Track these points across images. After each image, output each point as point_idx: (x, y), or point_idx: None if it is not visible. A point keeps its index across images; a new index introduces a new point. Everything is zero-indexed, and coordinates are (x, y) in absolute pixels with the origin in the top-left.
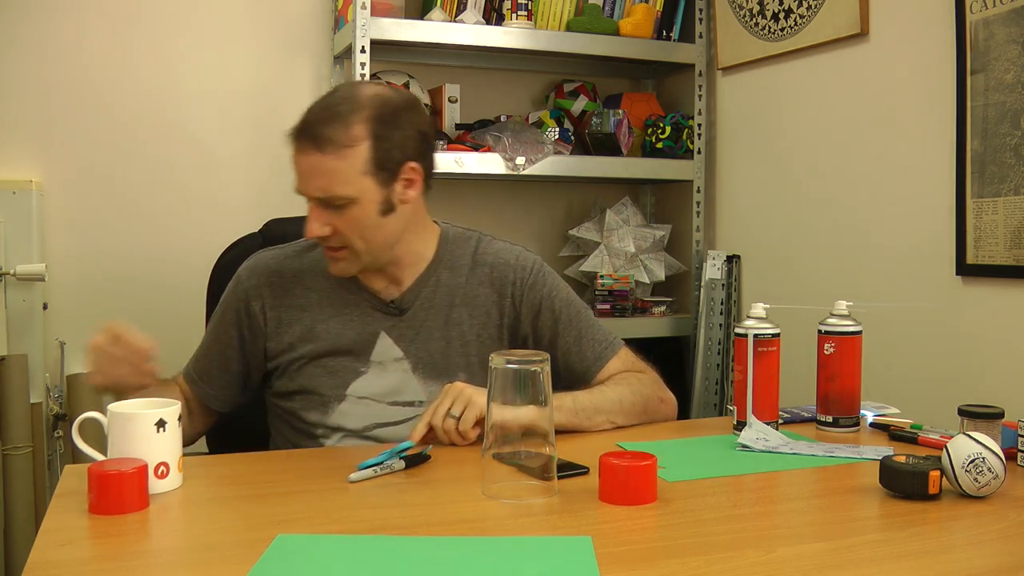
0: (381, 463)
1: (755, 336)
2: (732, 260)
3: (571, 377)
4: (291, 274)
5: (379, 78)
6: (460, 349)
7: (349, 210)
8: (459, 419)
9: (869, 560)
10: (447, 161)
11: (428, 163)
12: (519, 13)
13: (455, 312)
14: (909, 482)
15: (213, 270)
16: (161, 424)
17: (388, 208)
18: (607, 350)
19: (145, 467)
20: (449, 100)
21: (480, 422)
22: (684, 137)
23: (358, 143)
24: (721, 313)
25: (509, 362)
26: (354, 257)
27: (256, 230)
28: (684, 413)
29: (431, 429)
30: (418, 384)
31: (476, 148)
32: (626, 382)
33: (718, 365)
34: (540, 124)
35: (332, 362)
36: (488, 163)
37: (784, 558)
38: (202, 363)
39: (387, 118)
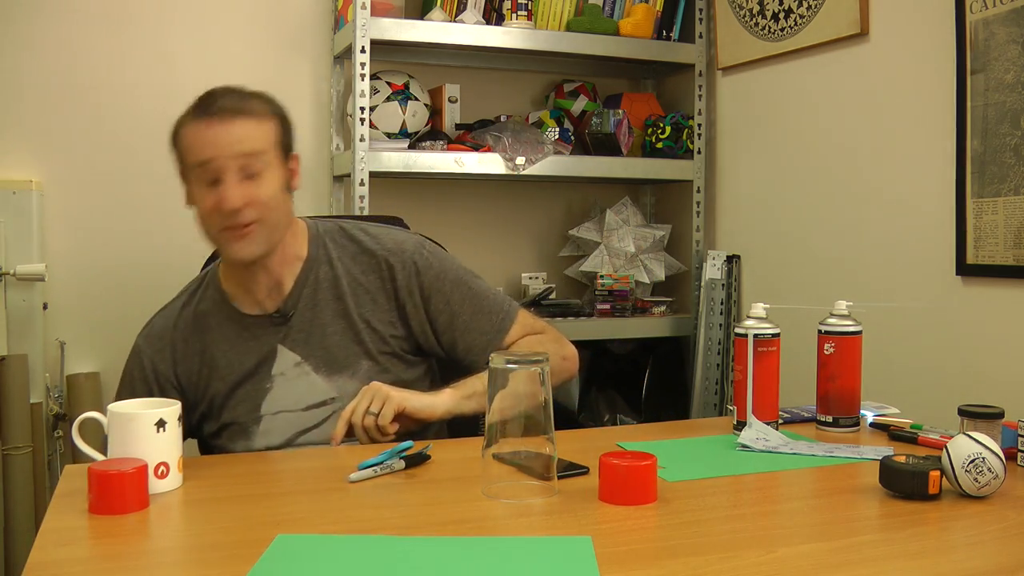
0: (381, 463)
1: (755, 336)
2: (732, 260)
3: (475, 355)
4: (184, 325)
5: (379, 78)
6: (354, 338)
7: (263, 178)
8: (378, 416)
9: (869, 560)
10: (447, 161)
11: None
12: (519, 13)
13: (341, 304)
14: (909, 482)
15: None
16: (161, 424)
17: (287, 187)
18: (505, 320)
19: (145, 467)
20: (449, 100)
21: (399, 417)
22: (684, 137)
23: (271, 119)
24: (721, 313)
25: (509, 362)
26: (262, 232)
27: None
28: (684, 413)
29: (351, 428)
30: (324, 383)
31: (476, 148)
32: (527, 348)
33: (718, 365)
34: (540, 124)
35: (241, 391)
36: (488, 163)
37: (784, 558)
38: None
39: (282, 109)
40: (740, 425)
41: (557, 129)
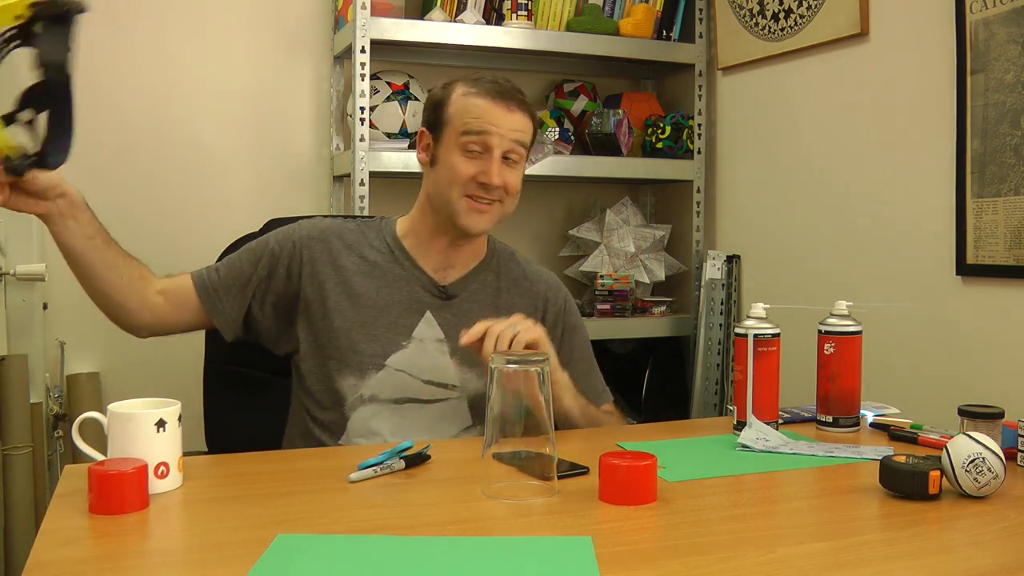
0: (381, 463)
1: (755, 336)
2: (732, 260)
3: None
4: (348, 239)
5: (379, 78)
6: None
7: (516, 168)
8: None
9: (869, 560)
10: None
11: None
12: (519, 13)
13: (494, 312)
14: (909, 482)
15: None
16: (161, 424)
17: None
18: (604, 394)
19: (145, 467)
20: None
21: (530, 347)
22: (684, 137)
23: (534, 122)
24: (721, 313)
25: (509, 362)
26: (496, 213)
27: (256, 230)
28: (684, 413)
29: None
30: (454, 368)
31: None
32: (603, 414)
33: (718, 365)
34: (540, 124)
35: (376, 331)
36: None
37: (784, 558)
38: (214, 276)
39: (538, 118)
40: (740, 425)
41: (557, 129)
